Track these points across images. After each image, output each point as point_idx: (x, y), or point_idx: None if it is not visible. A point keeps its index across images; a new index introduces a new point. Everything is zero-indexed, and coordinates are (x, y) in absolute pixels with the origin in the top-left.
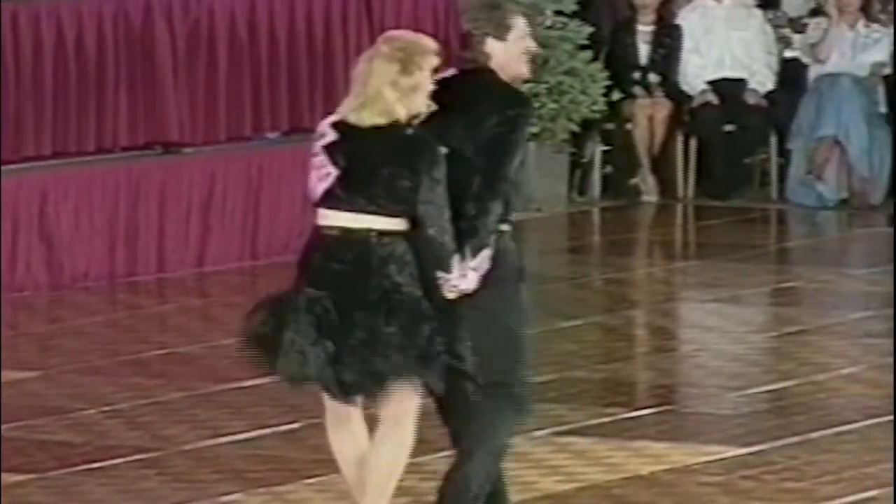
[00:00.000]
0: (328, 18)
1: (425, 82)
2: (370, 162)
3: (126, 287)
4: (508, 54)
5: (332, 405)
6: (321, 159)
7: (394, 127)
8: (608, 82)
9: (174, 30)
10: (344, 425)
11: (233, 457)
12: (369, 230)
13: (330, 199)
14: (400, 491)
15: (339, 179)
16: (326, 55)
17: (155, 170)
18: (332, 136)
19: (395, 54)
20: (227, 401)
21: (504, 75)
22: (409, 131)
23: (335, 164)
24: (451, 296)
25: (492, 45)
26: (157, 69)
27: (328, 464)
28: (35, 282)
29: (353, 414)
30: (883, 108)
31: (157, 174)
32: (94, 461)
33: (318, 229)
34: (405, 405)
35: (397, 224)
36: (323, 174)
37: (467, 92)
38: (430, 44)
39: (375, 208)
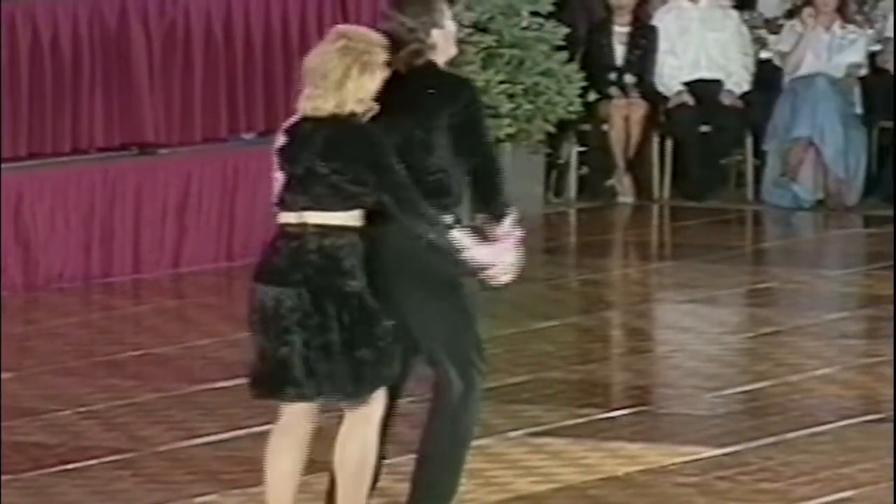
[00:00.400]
0: (303, 19)
1: (379, 78)
2: (310, 161)
3: (101, 288)
4: (447, 38)
5: (287, 415)
6: (275, 164)
7: (334, 122)
8: (584, 83)
9: (150, 31)
10: (291, 437)
11: (208, 458)
12: (306, 224)
13: (282, 202)
14: (375, 491)
15: (287, 181)
16: (302, 56)
17: (130, 171)
18: (283, 139)
19: (356, 47)
20: (201, 402)
21: (443, 61)
22: (347, 125)
23: (282, 168)
24: (505, 278)
25: (435, 35)
26: (133, 70)
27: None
28: (10, 283)
29: (302, 429)
30: (858, 110)
31: (132, 175)
32: (69, 462)
33: (277, 229)
34: (368, 405)
35: (340, 219)
36: (276, 178)
37: (418, 88)
38: (381, 40)
39: (318, 205)
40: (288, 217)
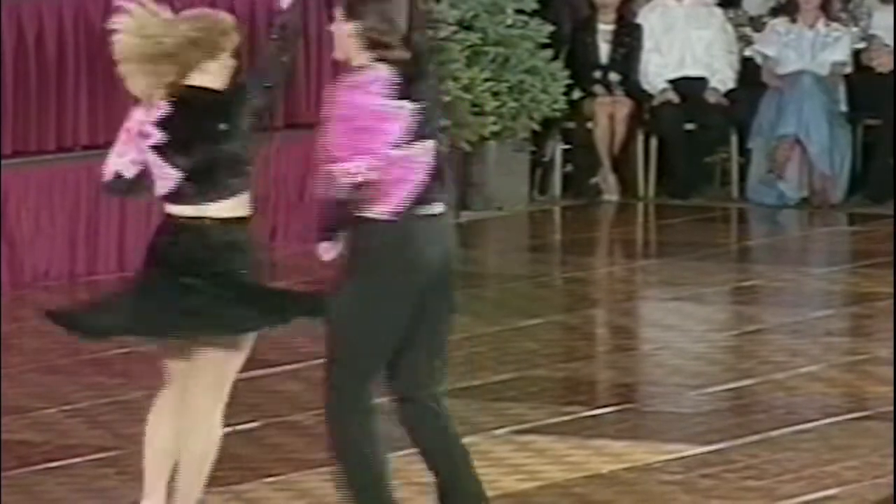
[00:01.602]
0: None
1: (226, 63)
2: (211, 157)
3: (87, 286)
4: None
5: (168, 395)
6: (155, 159)
7: (211, 106)
8: (569, 81)
9: None
10: (168, 413)
11: None
12: (209, 218)
13: (175, 196)
14: None
15: (186, 179)
16: None
17: None
18: (157, 136)
19: (197, 35)
20: None
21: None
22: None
23: (175, 166)
24: None
25: None
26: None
27: (287, 462)
28: None
29: (174, 403)
30: (843, 107)
31: None
32: (55, 460)
33: (166, 217)
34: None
35: (237, 210)
36: (163, 174)
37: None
38: (231, 22)
39: (219, 195)
40: (184, 210)
